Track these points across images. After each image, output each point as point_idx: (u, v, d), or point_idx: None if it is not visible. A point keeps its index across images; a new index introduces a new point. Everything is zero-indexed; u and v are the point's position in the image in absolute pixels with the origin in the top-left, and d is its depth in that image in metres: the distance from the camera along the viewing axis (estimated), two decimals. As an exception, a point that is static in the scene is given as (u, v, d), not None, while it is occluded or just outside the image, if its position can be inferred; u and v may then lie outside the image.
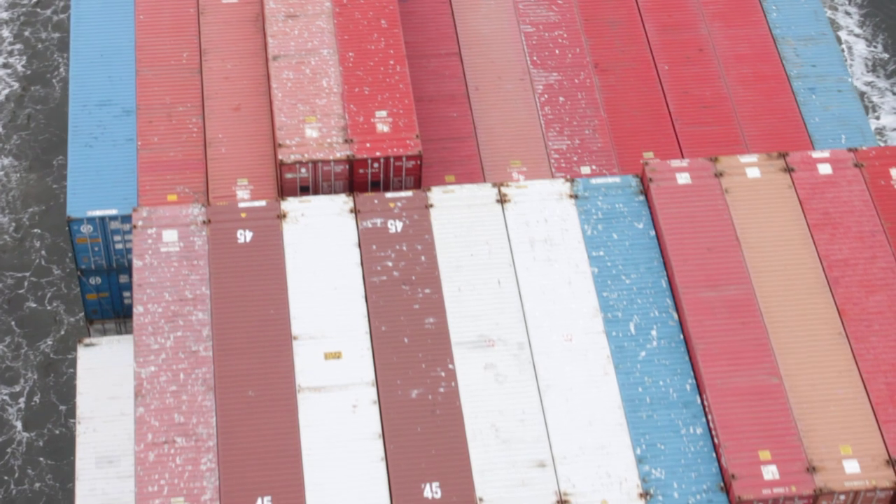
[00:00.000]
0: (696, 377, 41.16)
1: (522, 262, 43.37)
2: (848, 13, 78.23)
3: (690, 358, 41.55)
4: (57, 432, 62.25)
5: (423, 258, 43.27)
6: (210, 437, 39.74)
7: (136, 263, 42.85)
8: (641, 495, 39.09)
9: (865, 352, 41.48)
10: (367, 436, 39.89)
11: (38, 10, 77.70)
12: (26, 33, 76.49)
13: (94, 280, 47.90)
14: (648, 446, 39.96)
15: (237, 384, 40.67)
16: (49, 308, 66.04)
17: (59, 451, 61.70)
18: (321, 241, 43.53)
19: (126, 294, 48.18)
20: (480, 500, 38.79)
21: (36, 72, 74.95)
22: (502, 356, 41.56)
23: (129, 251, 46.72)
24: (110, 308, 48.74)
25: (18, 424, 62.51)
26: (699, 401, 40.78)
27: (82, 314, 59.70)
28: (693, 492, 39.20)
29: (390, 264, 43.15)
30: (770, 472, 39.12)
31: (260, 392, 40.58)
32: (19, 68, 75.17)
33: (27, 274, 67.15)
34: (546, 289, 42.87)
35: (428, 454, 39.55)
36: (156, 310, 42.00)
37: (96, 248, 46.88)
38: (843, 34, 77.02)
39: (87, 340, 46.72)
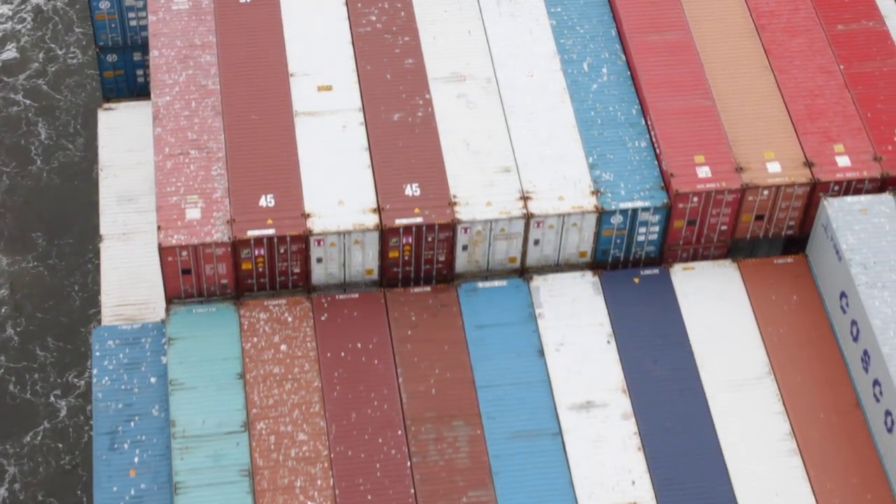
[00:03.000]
0: (641, 103, 47.29)
1: (489, 17, 49.47)
2: None
3: (636, 89, 47.69)
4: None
5: (402, 14, 49.35)
6: (219, 150, 45.76)
7: (151, 18, 48.85)
8: (593, 193, 45.23)
9: (787, 81, 47.68)
10: (356, 148, 45.99)
11: (5, 77, 72.97)
12: (-7, 96, 72.43)
13: (111, 57, 53.89)
14: (599, 156, 46.10)
15: (242, 110, 46.71)
16: (32, 398, 61.90)
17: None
18: (313, 1, 49.59)
19: (139, 72, 54.16)
20: (454, 196, 44.88)
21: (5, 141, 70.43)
22: (472, 88, 47.68)
23: (143, 28, 52.68)
24: (125, 86, 54.71)
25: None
26: (643, 122, 46.93)
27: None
28: (637, 190, 45.34)
29: (373, 18, 49.22)
30: (703, 172, 45.31)
31: (262, 116, 46.61)
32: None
33: (2, 358, 63.33)
34: (510, 36, 48.99)
35: (408, 162, 45.66)
36: (169, 53, 48.01)
37: (113, 25, 52.87)
38: None
39: (105, 105, 52.79)
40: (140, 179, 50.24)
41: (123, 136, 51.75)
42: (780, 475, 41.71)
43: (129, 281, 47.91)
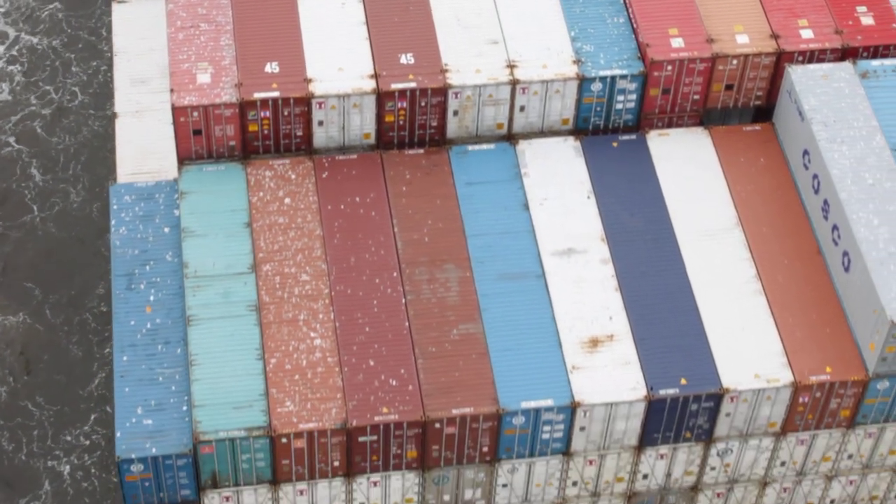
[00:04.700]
0: (620, -16, 50.91)
1: None
2: None
3: (617, -27, 51.30)
4: None
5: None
6: (227, 23, 49.17)
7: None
8: (574, 62, 48.68)
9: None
10: (354, 23, 49.43)
11: (-2, 115, 69.55)
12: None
13: (124, -42, 57.31)
14: (580, 30, 49.55)
15: (248, -11, 50.33)
16: (28, 459, 59.27)
17: None
18: None
19: (150, -27, 57.57)
20: (446, 64, 48.33)
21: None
22: (465, -24, 51.26)
23: (154, -72, 56.08)
24: (137, -13, 58.12)
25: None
26: (622, 0, 50.38)
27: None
28: (616, 59, 48.81)
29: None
30: (677, 42, 48.78)
31: (268, -4, 50.22)
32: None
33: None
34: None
35: (403, 35, 49.03)
36: (181, -59, 51.51)
37: (127, -72, 56.35)
38: None
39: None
40: (152, 64, 53.60)
41: (136, 25, 55.09)
42: (746, 312, 45.17)
43: (141, 153, 51.28)
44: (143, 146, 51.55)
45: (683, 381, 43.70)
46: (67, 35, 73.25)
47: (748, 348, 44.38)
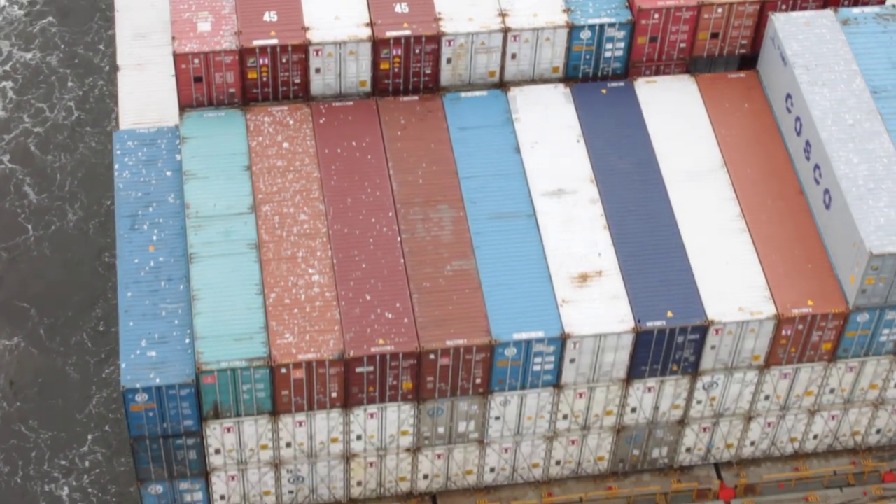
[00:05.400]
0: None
1: None
2: None
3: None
4: None
5: None
6: (227, -21, 50.81)
7: None
8: (564, 11, 50.06)
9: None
10: (350, -21, 51.13)
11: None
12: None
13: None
14: (573, -27, 51.18)
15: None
16: (27, 484, 58.27)
17: None
18: None
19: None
20: (439, 13, 49.67)
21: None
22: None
23: None
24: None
25: None
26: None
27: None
28: (604, 8, 50.23)
29: None
30: (663, -10, 50.40)
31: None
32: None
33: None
34: None
35: (397, -19, 50.75)
36: None
37: None
38: None
39: (118, -42, 57.72)
40: (154, 19, 55.07)
41: (136, -18, 56.69)
42: (730, 249, 46.62)
43: (144, 104, 52.67)
44: (145, 98, 52.96)
45: (670, 314, 45.12)
46: (62, 51, 72.81)
47: (732, 283, 45.82)
